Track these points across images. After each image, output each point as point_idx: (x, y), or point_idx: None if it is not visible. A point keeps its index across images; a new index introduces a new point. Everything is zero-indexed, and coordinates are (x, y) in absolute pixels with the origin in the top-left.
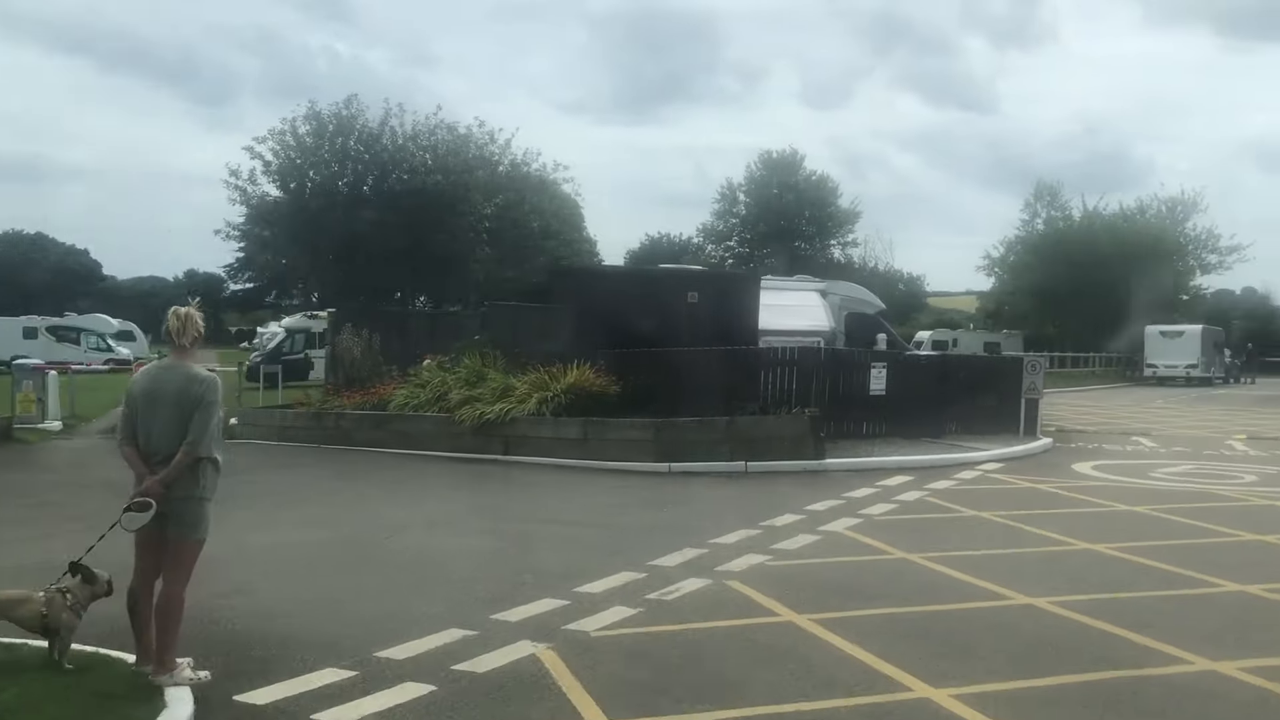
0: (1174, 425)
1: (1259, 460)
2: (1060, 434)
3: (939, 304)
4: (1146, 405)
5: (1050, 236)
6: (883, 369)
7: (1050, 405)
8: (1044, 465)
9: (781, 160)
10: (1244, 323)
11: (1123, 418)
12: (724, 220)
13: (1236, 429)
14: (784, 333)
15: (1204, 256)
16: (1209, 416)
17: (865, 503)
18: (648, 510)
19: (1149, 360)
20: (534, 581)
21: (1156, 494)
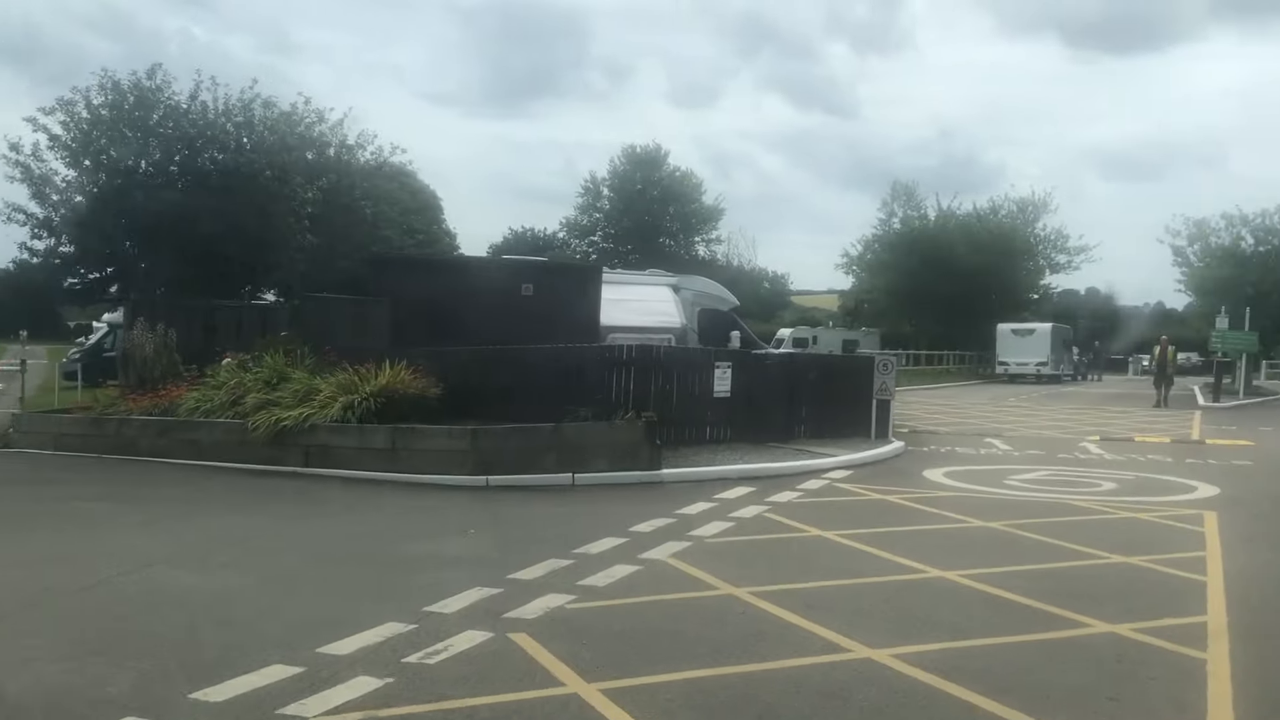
0: (1026, 426)
1: (1114, 465)
2: (913, 435)
3: (804, 302)
4: (999, 404)
5: (906, 235)
6: (728, 369)
7: (905, 404)
8: (895, 472)
9: (645, 156)
10: (1089, 322)
11: (976, 417)
12: (587, 215)
13: (1088, 429)
14: (632, 329)
15: (1053, 256)
16: (1060, 415)
17: (698, 521)
18: (448, 535)
19: (1001, 358)
20: (273, 638)
21: (1012, 506)
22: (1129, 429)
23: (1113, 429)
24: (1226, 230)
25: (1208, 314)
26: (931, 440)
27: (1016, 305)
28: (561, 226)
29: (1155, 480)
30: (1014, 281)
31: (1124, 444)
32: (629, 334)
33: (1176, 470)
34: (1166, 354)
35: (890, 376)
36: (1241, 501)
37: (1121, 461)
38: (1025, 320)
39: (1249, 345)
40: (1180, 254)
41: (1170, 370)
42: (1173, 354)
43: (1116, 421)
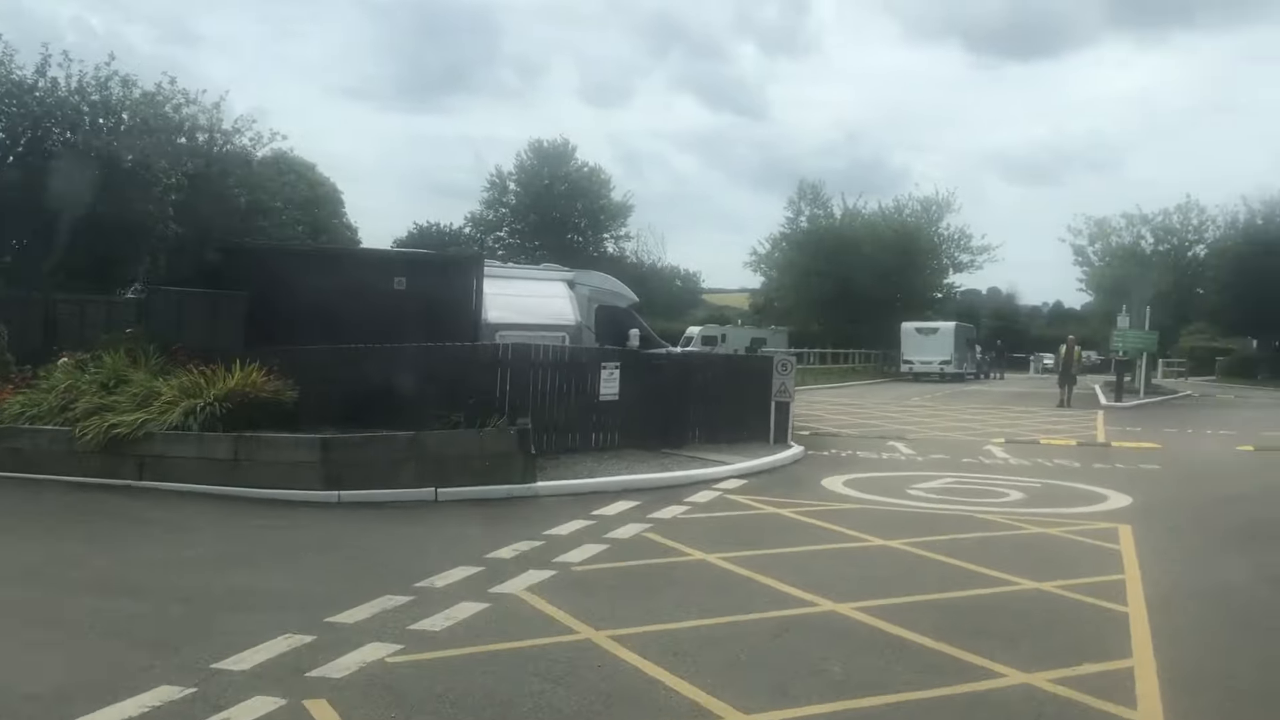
0: (930, 427)
1: (1020, 471)
2: (815, 439)
3: (717, 300)
4: (903, 403)
5: (812, 234)
6: (615, 370)
7: (809, 404)
8: (792, 481)
9: (553, 150)
10: (991, 321)
11: (879, 418)
12: (493, 210)
13: (993, 431)
14: (522, 327)
15: (957, 255)
16: (964, 416)
17: (568, 544)
18: (276, 564)
19: (905, 356)
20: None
21: (915, 520)
22: (1033, 430)
23: (1017, 430)
24: (1127, 229)
25: (1109, 313)
26: (833, 444)
27: (921, 304)
28: (467, 221)
29: (1064, 488)
30: (918, 280)
31: (1029, 447)
32: (519, 332)
33: (1085, 476)
34: (1073, 353)
35: (789, 377)
36: (1155, 512)
37: (1028, 467)
38: (929, 319)
39: (1149, 345)
40: (1081, 253)
41: (1075, 370)
42: (1078, 353)
43: (1021, 422)
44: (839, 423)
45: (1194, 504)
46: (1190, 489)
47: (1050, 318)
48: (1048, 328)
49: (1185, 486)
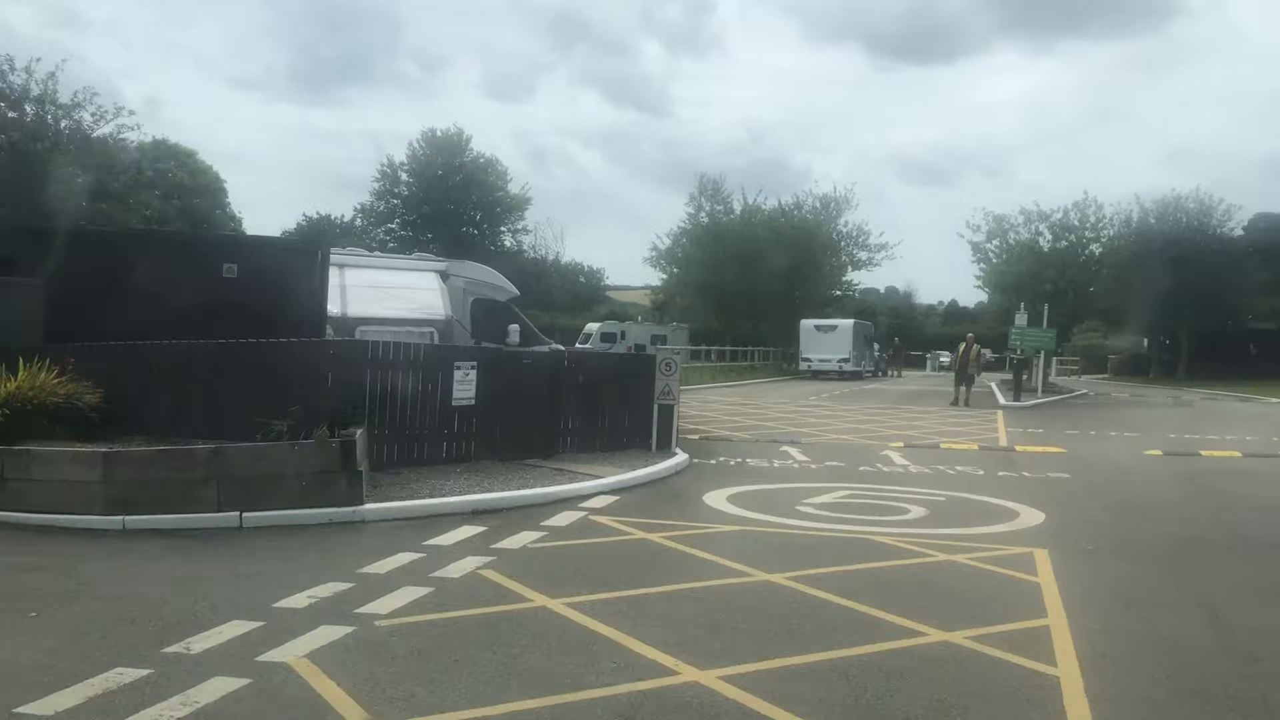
0: (827, 429)
1: (922, 481)
2: (703, 444)
3: (622, 298)
4: (800, 402)
5: (711, 229)
6: (471, 371)
7: (704, 404)
8: (670, 497)
9: (446, 140)
10: (889, 318)
11: (775, 419)
12: (384, 201)
13: (892, 433)
14: (386, 322)
15: (855, 253)
16: (862, 416)
17: (383, 586)
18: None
19: (804, 354)
20: None
21: (805, 546)
22: (933, 433)
23: (916, 433)
24: (1025, 226)
25: (1007, 310)
26: (722, 449)
27: (821, 301)
28: (356, 213)
29: (970, 502)
30: (818, 277)
31: (930, 452)
32: (382, 327)
33: (991, 487)
34: (970, 352)
35: (673, 378)
36: (1071, 531)
37: (929, 476)
38: (829, 316)
39: (1047, 343)
40: (979, 250)
41: (973, 369)
42: (976, 352)
43: (919, 423)
44: (732, 425)
45: (1111, 520)
46: (1104, 502)
47: (946, 316)
48: (943, 326)
49: (1098, 499)
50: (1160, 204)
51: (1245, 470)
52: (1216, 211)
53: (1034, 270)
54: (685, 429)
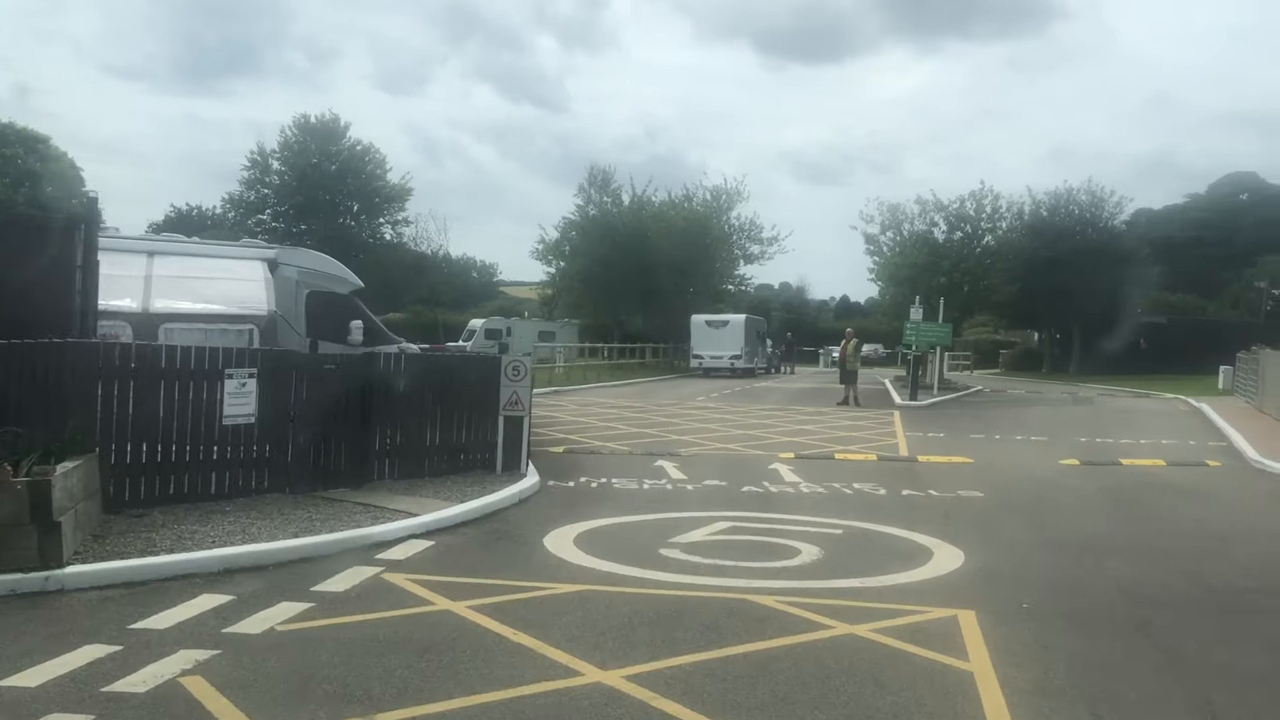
0: (712, 436)
1: (815, 505)
2: (567, 459)
3: (518, 293)
4: (687, 404)
5: (599, 221)
6: (249, 381)
7: (584, 406)
8: (502, 538)
9: (322, 126)
10: (782, 314)
11: (657, 424)
12: (254, 190)
13: (781, 440)
14: (195, 318)
15: (747, 246)
16: (751, 420)
17: (22, 713)
18: None
19: (695, 351)
20: None
21: (661, 617)
22: (827, 439)
23: (808, 439)
24: (921, 217)
25: (901, 304)
26: (587, 466)
27: (714, 296)
28: (224, 202)
29: (873, 536)
30: (710, 271)
31: (823, 465)
32: (190, 325)
33: (896, 513)
34: (846, 349)
35: (523, 384)
36: (1000, 579)
37: (824, 498)
38: (722, 311)
39: (943, 338)
40: (873, 241)
41: (851, 365)
42: (854, 347)
43: (812, 427)
44: (607, 433)
45: (1045, 561)
46: (1032, 534)
47: (838, 311)
48: (836, 321)
49: (1024, 529)
50: (1053, 196)
51: (1175, 484)
52: (1108, 203)
53: (929, 262)
54: (552, 439)
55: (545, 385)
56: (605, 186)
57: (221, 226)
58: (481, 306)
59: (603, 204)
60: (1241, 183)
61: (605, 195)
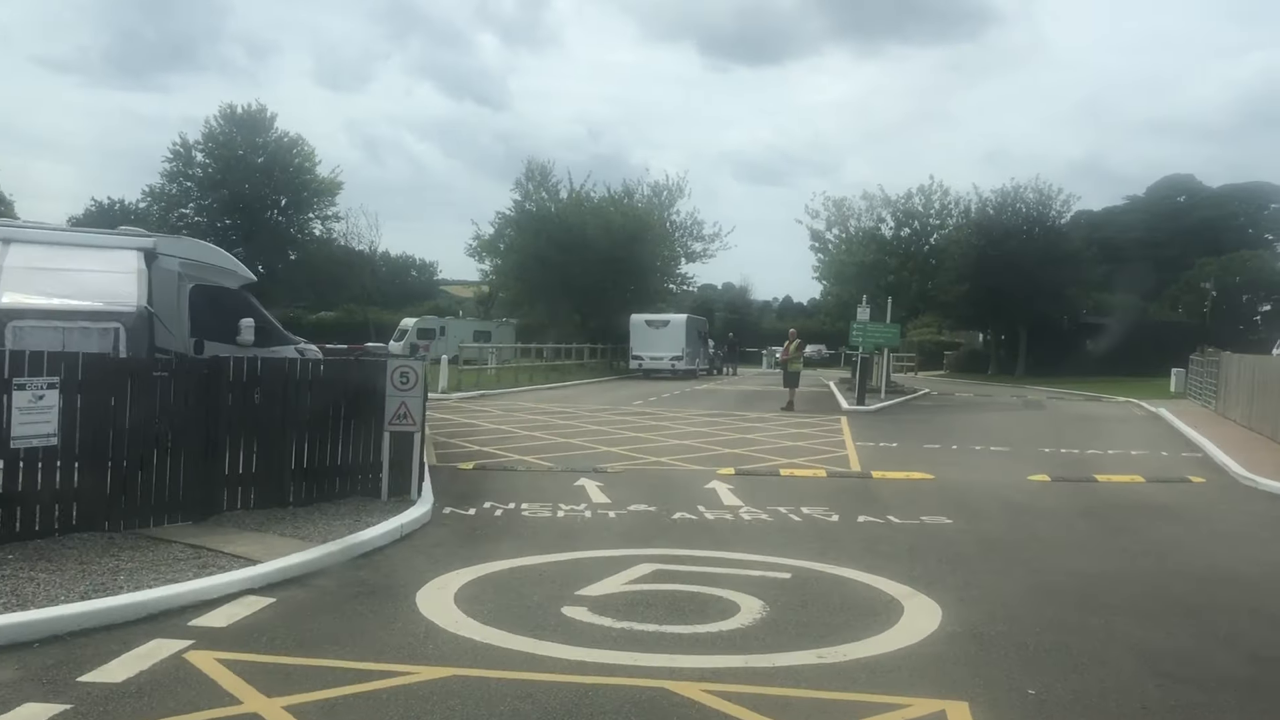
0: (644, 447)
1: (758, 537)
2: (475, 477)
3: (461, 292)
4: (622, 409)
5: (535, 216)
6: (48, 393)
7: (508, 413)
8: (362, 597)
9: (248, 117)
10: (725, 314)
11: (586, 432)
12: (176, 183)
13: (721, 452)
14: (50, 314)
15: (689, 244)
16: (689, 427)
17: None
18: None
19: (635, 352)
20: None
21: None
22: (771, 450)
23: (751, 450)
24: (868, 212)
25: (847, 304)
26: (496, 486)
27: (655, 295)
28: (144, 195)
29: (829, 583)
30: (650, 268)
31: (769, 484)
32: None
33: (853, 547)
34: (789, 350)
35: (414, 394)
36: (990, 646)
37: (768, 528)
38: (663, 311)
39: (891, 338)
40: (818, 238)
41: (794, 367)
42: (795, 349)
43: (755, 436)
44: (529, 443)
45: (1043, 620)
46: (1017, 578)
47: (781, 311)
48: (779, 321)
49: (1006, 571)
50: (999, 194)
51: (1165, 507)
52: (1055, 202)
53: (876, 260)
54: (464, 452)
55: (473, 388)
56: (544, 181)
57: (143, 221)
58: (418, 305)
59: (540, 199)
60: (1180, 185)
61: (544, 190)
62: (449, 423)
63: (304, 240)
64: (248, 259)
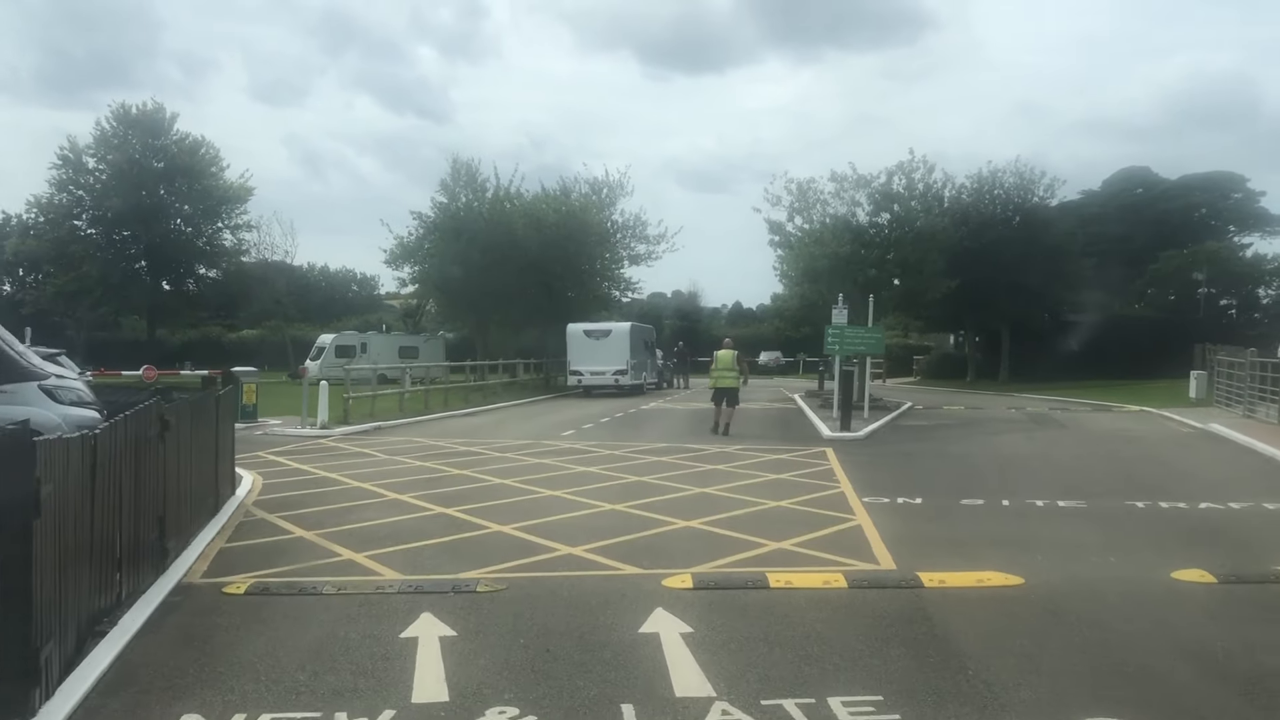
0: (556, 522)
1: None
2: (243, 612)
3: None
4: (544, 444)
5: (456, 216)
6: None
7: (393, 455)
8: None
9: (144, 117)
10: (675, 321)
11: (476, 492)
12: (66, 192)
13: (668, 525)
14: None
15: (633, 245)
16: (628, 473)
17: None
18: None
19: (573, 366)
20: None
21: None
22: (743, 517)
23: (714, 521)
24: (838, 195)
25: (814, 304)
26: (252, 650)
27: (596, 302)
28: (29, 207)
29: None
30: (590, 272)
31: (750, 612)
32: None
33: None
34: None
35: None
36: None
37: None
38: (606, 320)
39: (874, 345)
40: (778, 230)
41: (729, 383)
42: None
43: (715, 488)
44: (385, 519)
45: None
46: None
47: (731, 318)
48: (730, 328)
49: None
50: (976, 179)
51: None
52: (1039, 186)
53: (851, 253)
54: (275, 542)
55: (365, 419)
56: (471, 181)
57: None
58: (344, 320)
59: (469, 202)
60: (1137, 178)
61: (470, 191)
62: (297, 479)
63: (211, 252)
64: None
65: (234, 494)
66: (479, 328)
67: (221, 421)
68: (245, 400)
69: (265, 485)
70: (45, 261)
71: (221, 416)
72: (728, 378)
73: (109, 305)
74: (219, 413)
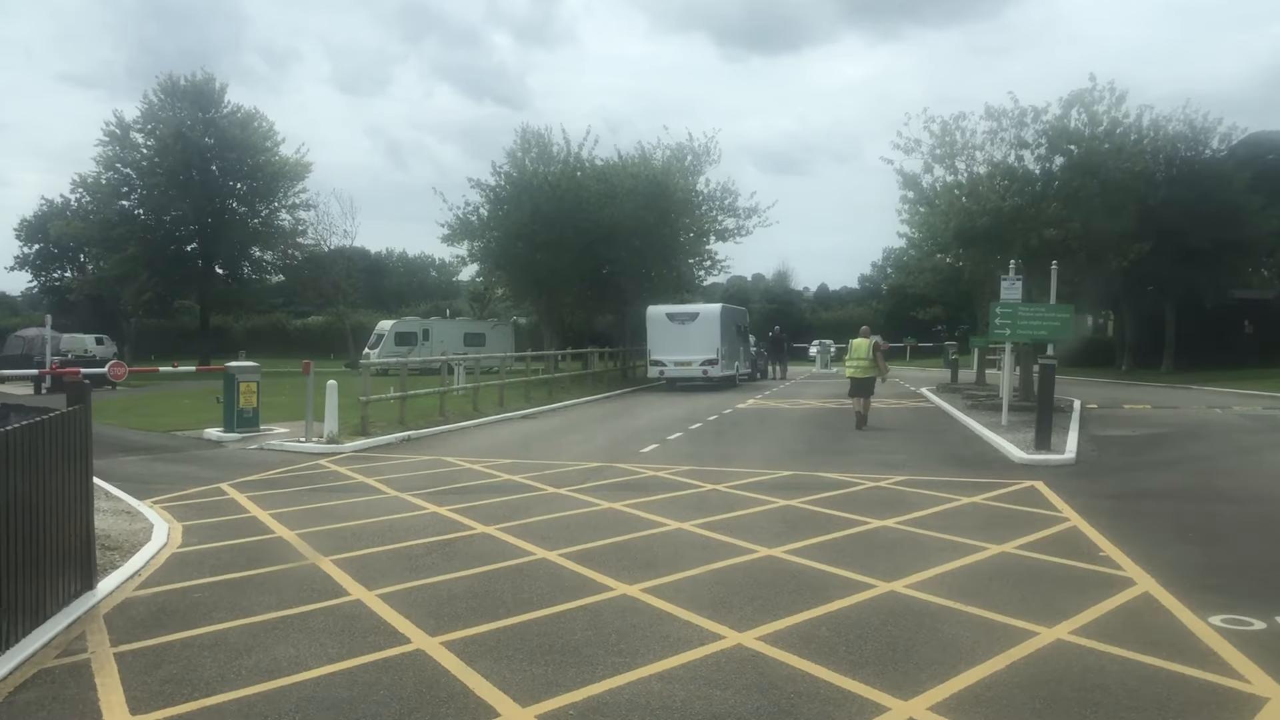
0: (645, 663)
1: None
2: None
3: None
4: (618, 468)
5: (519, 183)
6: None
7: (411, 486)
8: None
9: (193, 89)
10: (763, 305)
11: (519, 578)
12: (114, 171)
13: (845, 694)
14: None
15: (720, 219)
16: (739, 539)
17: None
18: None
19: (654, 355)
20: None
21: None
22: (1008, 696)
23: (929, 704)
24: (994, 137)
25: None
26: None
27: (677, 282)
28: (74, 186)
29: None
30: (674, 246)
31: None
32: None
33: None
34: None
35: None
36: None
37: None
38: (689, 301)
39: (1059, 329)
40: (912, 183)
41: (870, 373)
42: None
43: (912, 593)
44: (300, 648)
45: None
46: None
47: (816, 302)
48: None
49: None
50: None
51: None
52: (1213, 137)
53: (1018, 209)
54: None
55: (392, 428)
56: (543, 151)
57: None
58: (412, 306)
59: (529, 166)
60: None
61: (538, 159)
62: (231, 546)
63: (268, 234)
64: (204, 257)
65: (91, 588)
66: (548, 311)
67: (64, 466)
68: (243, 404)
69: (168, 562)
70: (90, 244)
71: (58, 458)
72: (863, 367)
73: (154, 290)
74: (48, 451)
